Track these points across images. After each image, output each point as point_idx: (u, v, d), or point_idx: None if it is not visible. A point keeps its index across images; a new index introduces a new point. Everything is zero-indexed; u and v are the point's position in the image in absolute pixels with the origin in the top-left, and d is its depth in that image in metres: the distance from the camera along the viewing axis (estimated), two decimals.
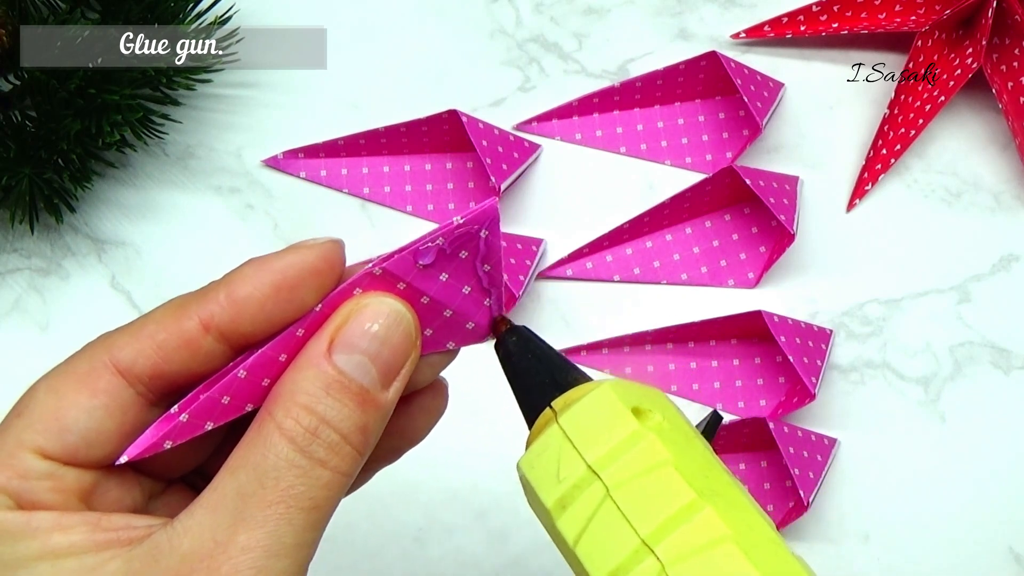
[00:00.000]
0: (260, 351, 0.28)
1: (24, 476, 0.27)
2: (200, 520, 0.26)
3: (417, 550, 0.50)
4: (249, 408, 0.28)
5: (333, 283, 0.29)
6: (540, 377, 0.30)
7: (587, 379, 0.30)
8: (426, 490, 0.51)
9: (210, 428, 0.28)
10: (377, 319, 0.28)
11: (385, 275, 0.28)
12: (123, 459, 0.28)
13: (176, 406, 0.28)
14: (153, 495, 0.30)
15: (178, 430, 0.28)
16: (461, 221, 0.28)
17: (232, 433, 0.29)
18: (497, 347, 0.30)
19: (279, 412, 0.27)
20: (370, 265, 0.28)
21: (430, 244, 0.28)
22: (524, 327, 0.30)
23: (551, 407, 0.29)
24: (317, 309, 0.28)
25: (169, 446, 0.28)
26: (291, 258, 0.28)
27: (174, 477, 0.31)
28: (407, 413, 0.31)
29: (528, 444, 0.29)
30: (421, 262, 0.29)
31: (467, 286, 0.30)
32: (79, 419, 0.28)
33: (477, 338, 0.31)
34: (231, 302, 0.28)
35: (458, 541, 0.51)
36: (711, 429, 0.35)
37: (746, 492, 0.28)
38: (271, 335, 0.28)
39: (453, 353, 0.31)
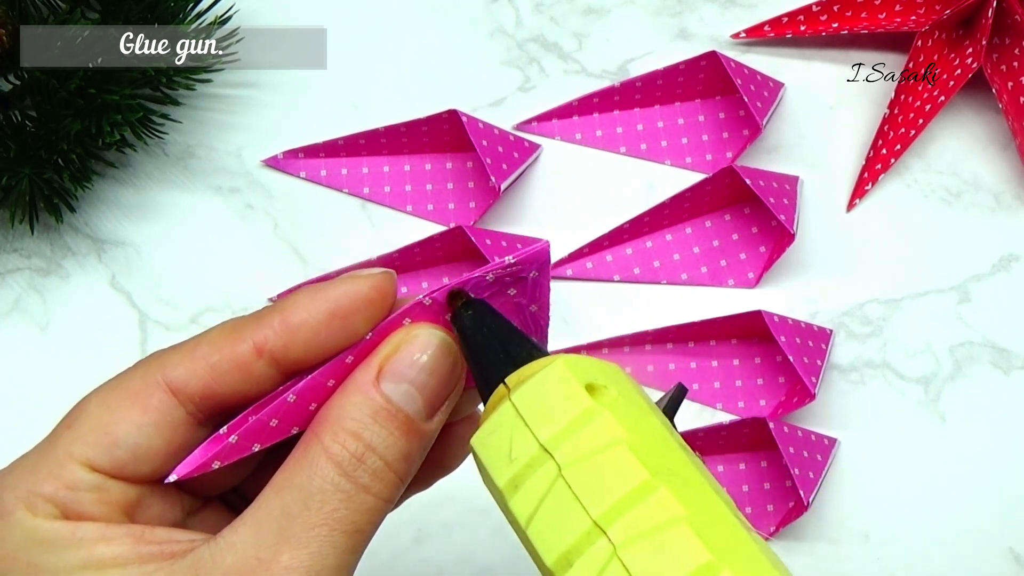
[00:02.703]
0: (310, 376, 0.28)
1: (71, 487, 0.27)
2: (244, 537, 0.27)
3: (416, 549, 0.50)
4: (295, 431, 0.29)
5: (384, 313, 0.29)
6: (495, 352, 0.29)
7: (544, 354, 0.29)
8: (425, 490, 0.51)
9: (257, 450, 0.29)
10: (426, 350, 0.28)
11: (435, 306, 0.29)
12: (172, 477, 0.28)
13: (225, 427, 0.29)
14: (191, 512, 0.30)
15: (227, 451, 0.28)
16: (512, 261, 0.29)
17: (270, 455, 0.30)
18: (452, 320, 0.29)
19: (326, 436, 0.28)
20: (420, 295, 0.29)
21: (479, 278, 0.29)
22: (481, 300, 0.30)
23: (504, 383, 0.28)
24: (367, 337, 0.29)
25: (217, 466, 0.28)
26: (345, 287, 0.29)
27: (212, 495, 0.31)
28: (444, 442, 0.32)
29: (481, 422, 0.29)
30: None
31: (513, 323, 0.30)
32: (129, 434, 0.28)
33: None
34: (285, 328, 0.28)
35: (457, 540, 0.51)
36: (674, 403, 0.34)
37: (705, 471, 0.27)
38: (322, 361, 0.29)
39: None
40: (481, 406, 0.30)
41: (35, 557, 0.27)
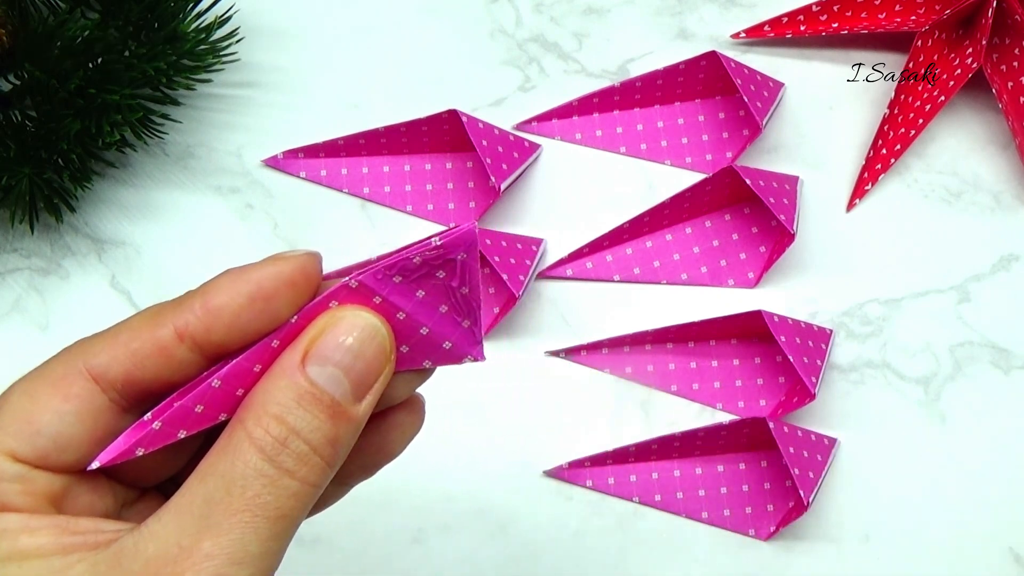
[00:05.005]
0: (234, 361, 0.28)
1: None
2: (166, 525, 0.26)
3: (416, 549, 0.50)
4: (223, 418, 0.28)
5: (309, 295, 0.28)
6: None
7: None
8: (424, 490, 0.51)
9: (183, 436, 0.28)
10: (351, 332, 0.28)
11: (361, 288, 0.28)
12: (95, 465, 0.28)
13: (149, 413, 0.28)
14: (127, 503, 0.30)
15: (151, 437, 0.28)
16: (439, 243, 0.28)
17: (207, 443, 0.29)
18: None
19: (250, 421, 0.27)
20: (346, 278, 0.28)
21: (406, 260, 0.28)
22: None
23: None
24: (293, 321, 0.28)
25: (141, 453, 0.28)
26: (267, 269, 0.28)
27: (148, 486, 0.31)
28: (382, 429, 0.31)
29: None
30: (396, 277, 0.28)
31: (444, 305, 0.29)
32: (51, 423, 0.28)
33: (454, 358, 0.30)
34: (206, 311, 0.28)
35: (457, 540, 0.51)
36: None
37: None
38: (246, 345, 0.28)
39: (429, 371, 0.31)
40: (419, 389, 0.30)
41: None
